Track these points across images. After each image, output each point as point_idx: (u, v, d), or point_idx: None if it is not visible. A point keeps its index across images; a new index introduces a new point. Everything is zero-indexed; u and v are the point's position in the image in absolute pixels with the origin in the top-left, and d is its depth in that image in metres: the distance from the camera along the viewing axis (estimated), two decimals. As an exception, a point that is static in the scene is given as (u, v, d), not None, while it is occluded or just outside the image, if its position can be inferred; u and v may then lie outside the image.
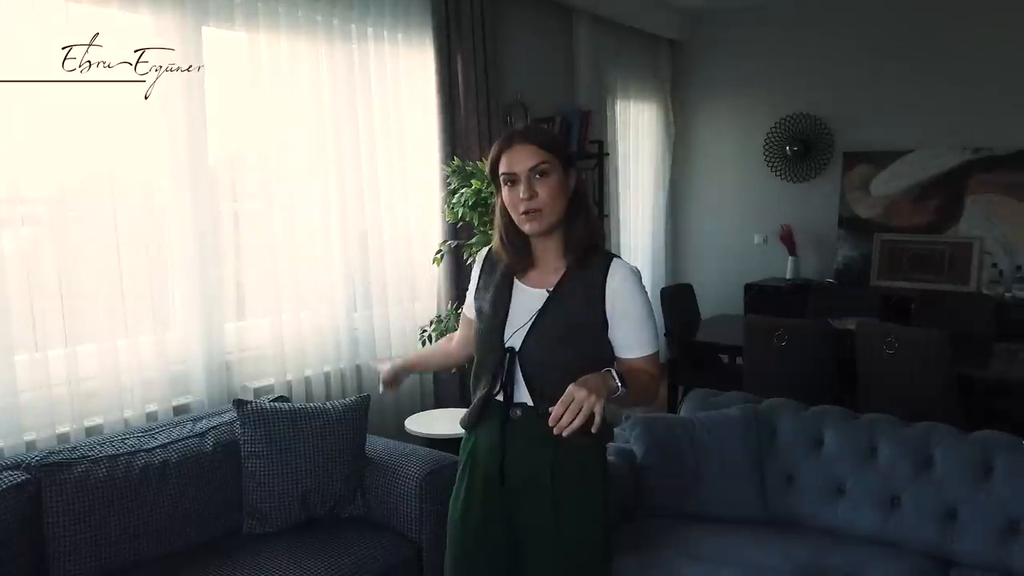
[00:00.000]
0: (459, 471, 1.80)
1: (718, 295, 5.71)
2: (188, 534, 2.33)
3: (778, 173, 5.84)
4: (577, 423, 1.38)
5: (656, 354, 1.70)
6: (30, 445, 2.38)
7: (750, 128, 5.93)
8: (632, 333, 1.66)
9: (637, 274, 1.69)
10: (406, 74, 3.69)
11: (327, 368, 3.33)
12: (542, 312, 1.65)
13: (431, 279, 3.78)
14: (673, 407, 4.37)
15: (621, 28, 5.42)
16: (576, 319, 1.65)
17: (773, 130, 5.82)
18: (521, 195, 1.60)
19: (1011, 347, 4.01)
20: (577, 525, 1.67)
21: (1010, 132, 4.96)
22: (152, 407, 2.72)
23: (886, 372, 3.43)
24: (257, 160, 3.10)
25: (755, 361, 3.79)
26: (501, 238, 1.71)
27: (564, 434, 1.39)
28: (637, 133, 5.84)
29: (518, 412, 1.66)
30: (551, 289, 1.67)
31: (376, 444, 2.70)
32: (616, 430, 2.89)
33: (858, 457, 2.45)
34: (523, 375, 1.64)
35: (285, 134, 3.15)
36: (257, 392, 3.02)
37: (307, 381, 3.25)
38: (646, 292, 1.70)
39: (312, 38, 3.24)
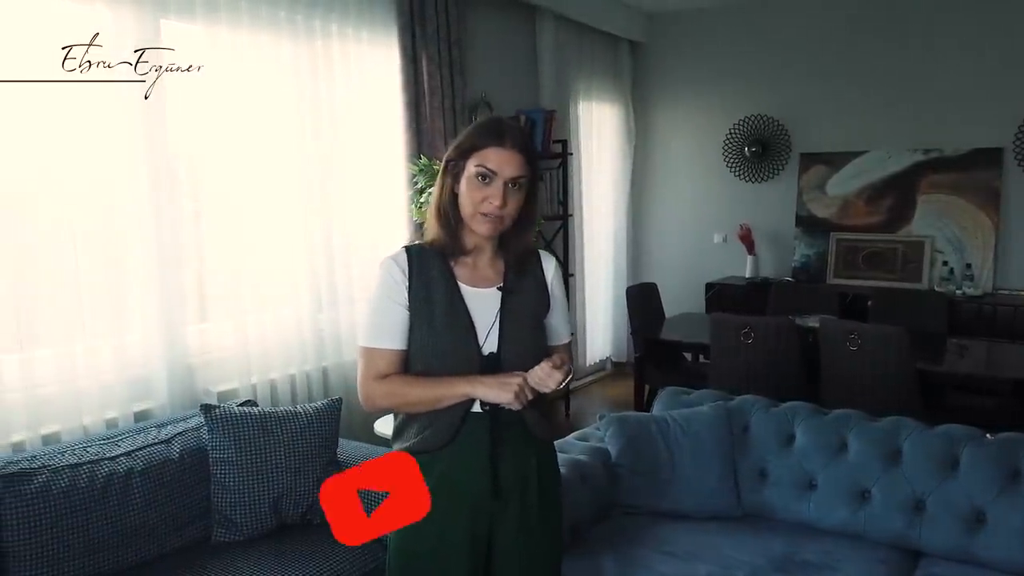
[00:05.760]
0: None
1: (679, 294, 5.77)
2: (155, 544, 2.24)
3: (737, 173, 5.93)
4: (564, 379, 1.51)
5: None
6: (-17, 454, 2.27)
7: (709, 129, 6.01)
8: (562, 320, 1.76)
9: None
10: (371, 73, 3.64)
11: (292, 371, 3.26)
12: (506, 310, 1.63)
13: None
14: (640, 405, 4.40)
15: (584, 29, 5.45)
16: (536, 310, 1.69)
17: (732, 131, 5.90)
18: (493, 200, 1.55)
19: (961, 342, 4.15)
20: (557, 517, 1.73)
21: (959, 134, 5.12)
22: (112, 413, 2.63)
23: (849, 367, 3.50)
24: (219, 158, 3.02)
25: (721, 358, 3.84)
26: (446, 220, 1.61)
27: (552, 388, 1.51)
28: (599, 133, 5.87)
29: (510, 415, 1.60)
30: (500, 286, 1.65)
31: (348, 448, 2.65)
32: (589, 429, 2.90)
33: (828, 452, 2.49)
34: None
35: (248, 131, 3.07)
36: (221, 396, 2.94)
37: (272, 384, 3.17)
38: None
39: (275, 34, 3.17)
